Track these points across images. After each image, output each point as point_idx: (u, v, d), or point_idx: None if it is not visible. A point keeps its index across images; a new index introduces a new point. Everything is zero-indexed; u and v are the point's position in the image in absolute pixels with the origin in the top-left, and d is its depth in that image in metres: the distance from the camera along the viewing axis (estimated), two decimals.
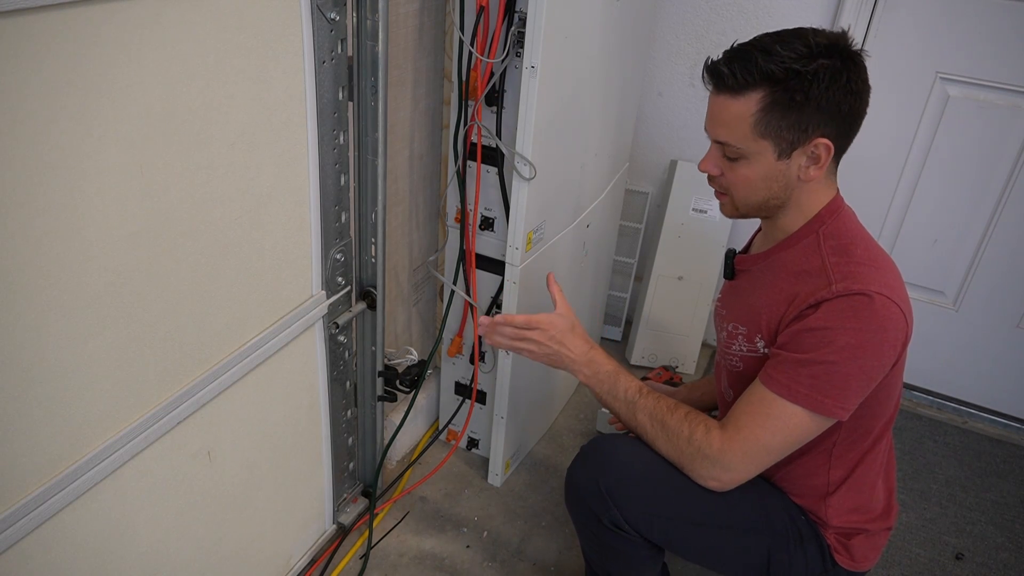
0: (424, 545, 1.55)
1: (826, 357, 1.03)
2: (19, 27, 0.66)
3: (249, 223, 1.02)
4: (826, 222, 1.12)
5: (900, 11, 1.80)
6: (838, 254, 1.08)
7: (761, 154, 1.07)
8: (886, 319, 1.03)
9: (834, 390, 1.04)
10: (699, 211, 2.07)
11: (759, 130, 1.04)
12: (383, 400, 1.49)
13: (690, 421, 1.13)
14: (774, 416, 1.07)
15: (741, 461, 1.09)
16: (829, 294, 1.04)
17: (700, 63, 2.01)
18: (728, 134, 1.07)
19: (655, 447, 1.16)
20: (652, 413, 1.15)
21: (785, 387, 1.06)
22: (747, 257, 1.25)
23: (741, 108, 1.04)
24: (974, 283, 1.97)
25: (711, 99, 1.08)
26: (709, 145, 1.13)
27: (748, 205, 1.14)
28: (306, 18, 1.00)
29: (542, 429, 1.88)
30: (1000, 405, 2.07)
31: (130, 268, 0.85)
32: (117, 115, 0.78)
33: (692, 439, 1.11)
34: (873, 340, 1.04)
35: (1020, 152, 1.80)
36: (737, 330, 1.19)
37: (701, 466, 1.11)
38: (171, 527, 1.06)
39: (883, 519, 1.22)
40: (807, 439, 1.10)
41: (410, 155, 1.50)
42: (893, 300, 1.04)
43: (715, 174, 1.13)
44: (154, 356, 0.93)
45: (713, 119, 1.09)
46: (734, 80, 1.03)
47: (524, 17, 1.23)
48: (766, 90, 1.02)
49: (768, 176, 1.09)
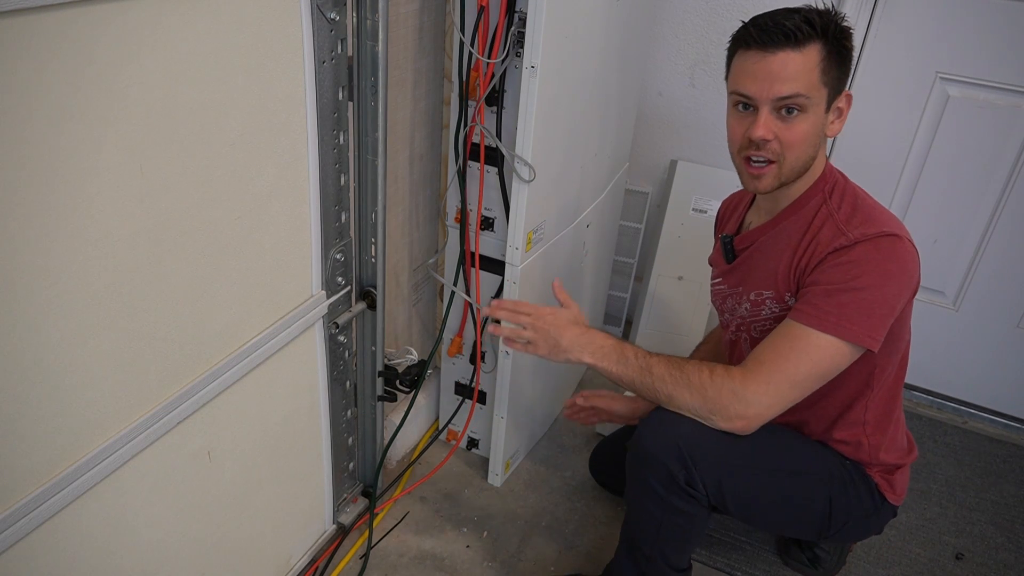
0: (424, 545, 1.55)
1: (855, 284, 1.09)
2: (19, 27, 0.66)
3: (249, 223, 1.02)
4: (827, 180, 1.20)
5: (900, 11, 1.80)
6: (846, 206, 1.16)
7: (819, 104, 1.12)
8: (908, 259, 1.12)
9: (862, 317, 1.09)
10: (699, 211, 2.07)
11: (824, 78, 1.11)
12: (383, 400, 1.49)
13: (708, 365, 1.15)
14: (800, 347, 1.10)
15: (764, 394, 1.10)
16: (847, 240, 1.11)
17: (700, 63, 2.02)
18: (797, 85, 1.10)
19: (674, 400, 1.15)
20: (668, 363, 1.17)
21: (814, 317, 1.10)
22: (748, 234, 1.29)
23: (807, 60, 1.09)
24: (974, 283, 1.97)
25: (765, 59, 1.10)
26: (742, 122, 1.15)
27: (795, 168, 1.16)
28: (306, 18, 1.00)
29: (542, 429, 1.88)
30: (1000, 405, 2.07)
31: (130, 268, 0.85)
32: (117, 115, 0.78)
33: (713, 378, 1.13)
34: (898, 274, 1.11)
35: (1020, 152, 1.80)
36: (762, 296, 1.23)
37: (724, 404, 1.11)
38: (171, 527, 1.06)
39: (910, 453, 1.32)
40: (832, 373, 1.13)
41: (410, 155, 1.50)
42: (913, 243, 1.13)
43: (770, 138, 1.13)
44: (154, 356, 0.93)
45: (774, 77, 1.10)
46: (800, 34, 1.08)
47: (524, 17, 1.23)
48: (822, 42, 1.09)
49: (817, 130, 1.14)
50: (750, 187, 1.19)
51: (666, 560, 1.26)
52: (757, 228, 1.27)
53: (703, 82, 2.03)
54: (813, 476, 1.25)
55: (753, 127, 1.12)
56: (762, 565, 1.56)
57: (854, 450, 1.28)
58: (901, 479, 1.31)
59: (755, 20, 1.11)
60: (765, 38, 1.08)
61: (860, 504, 1.28)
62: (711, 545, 1.59)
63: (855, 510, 1.27)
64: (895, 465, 1.29)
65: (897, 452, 1.30)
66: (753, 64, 1.10)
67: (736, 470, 1.18)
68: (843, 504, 1.26)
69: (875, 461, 1.28)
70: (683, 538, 1.25)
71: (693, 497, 1.18)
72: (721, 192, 2.07)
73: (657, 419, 1.19)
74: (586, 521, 1.64)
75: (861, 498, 1.27)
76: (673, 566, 1.28)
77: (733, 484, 1.18)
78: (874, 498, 1.29)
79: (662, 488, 1.18)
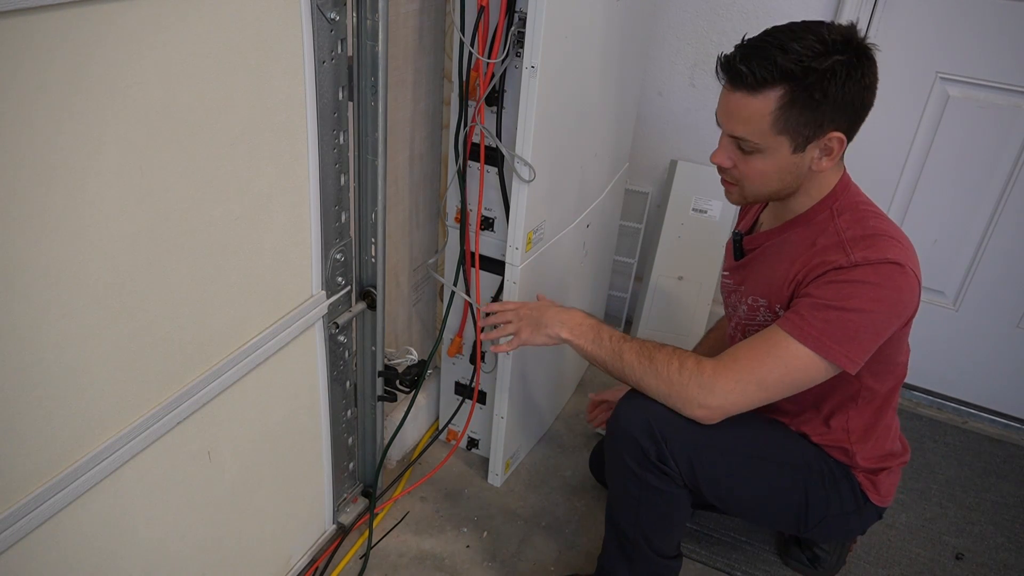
0: (424, 545, 1.55)
1: (844, 305, 1.07)
2: (20, 27, 0.66)
3: (249, 223, 1.02)
4: (839, 198, 1.16)
5: (900, 11, 1.80)
6: (854, 227, 1.12)
7: (777, 149, 1.09)
8: (907, 289, 1.09)
9: (845, 338, 1.08)
10: (699, 211, 2.07)
11: (777, 127, 1.06)
12: (383, 400, 1.49)
13: (679, 354, 1.16)
14: (776, 353, 1.10)
15: (732, 391, 1.11)
16: (848, 262, 1.08)
17: (700, 63, 2.02)
18: (745, 130, 1.08)
19: (643, 386, 1.18)
20: (639, 351, 1.19)
21: (797, 327, 1.09)
22: (758, 235, 1.28)
23: (759, 106, 1.05)
24: (974, 283, 1.97)
25: (726, 95, 1.09)
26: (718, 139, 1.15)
27: (758, 195, 1.17)
28: (306, 18, 1.00)
29: (542, 429, 1.88)
30: (1000, 405, 2.07)
31: (130, 268, 0.85)
32: (118, 115, 0.78)
33: (683, 368, 1.14)
34: (892, 302, 1.09)
35: (1020, 152, 1.80)
36: (758, 303, 1.23)
37: (690, 392, 1.13)
38: (171, 527, 1.06)
39: (899, 456, 1.31)
40: (805, 384, 1.13)
41: (410, 155, 1.50)
42: (916, 273, 1.10)
43: (727, 166, 1.14)
44: (154, 356, 0.93)
45: (729, 115, 1.09)
46: (753, 78, 1.03)
47: (524, 17, 1.23)
48: (785, 88, 1.03)
49: (782, 169, 1.11)
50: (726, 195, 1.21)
51: (650, 544, 1.27)
52: (765, 232, 1.26)
53: (703, 82, 2.03)
54: (788, 465, 1.25)
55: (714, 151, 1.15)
56: (762, 565, 1.56)
57: (836, 452, 1.27)
58: (887, 480, 1.29)
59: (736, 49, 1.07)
60: (726, 73, 1.07)
61: (840, 501, 1.27)
62: (711, 545, 1.59)
63: (834, 506, 1.26)
64: (880, 467, 1.28)
65: (882, 456, 1.28)
66: (722, 93, 1.10)
67: (707, 449, 1.19)
68: (821, 498, 1.25)
69: (857, 464, 1.27)
70: (664, 521, 1.25)
71: (666, 474, 1.20)
72: (721, 192, 2.07)
73: (631, 399, 1.22)
74: (586, 521, 1.64)
75: (842, 495, 1.26)
76: (658, 551, 1.28)
77: (704, 463, 1.19)
78: (856, 497, 1.27)
79: (636, 464, 1.20)
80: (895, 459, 1.30)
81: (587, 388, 2.07)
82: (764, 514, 1.32)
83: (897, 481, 1.33)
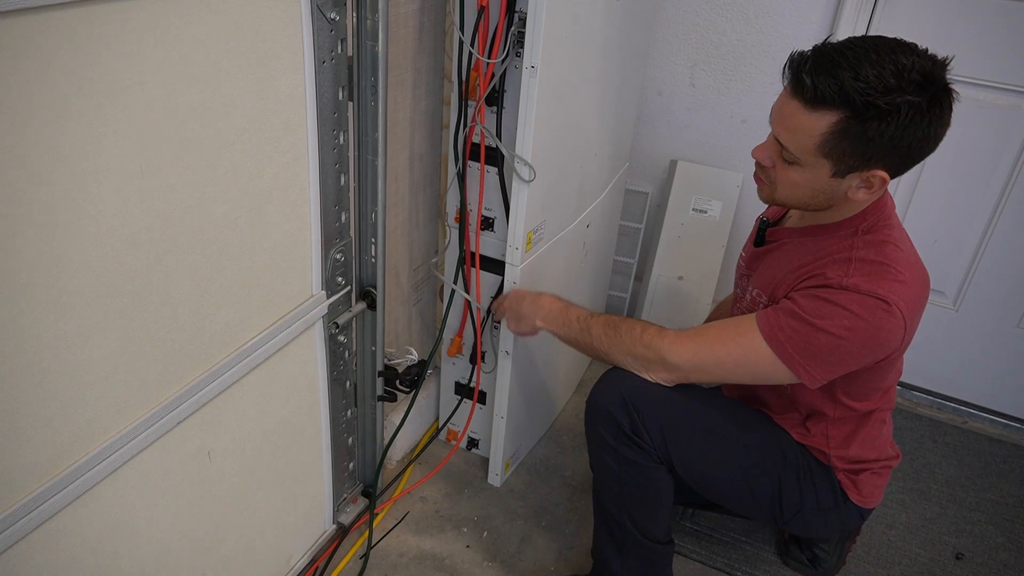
0: (424, 545, 1.55)
1: (818, 323, 1.07)
2: (20, 27, 0.66)
3: (249, 223, 1.02)
4: (868, 220, 1.12)
5: (900, 11, 1.80)
6: (868, 250, 1.09)
7: (817, 168, 1.05)
8: (886, 329, 1.06)
9: (807, 353, 1.08)
10: (699, 211, 2.07)
11: (823, 149, 1.02)
12: (383, 400, 1.49)
13: (643, 325, 1.21)
14: (740, 340, 1.12)
15: (689, 360, 1.15)
16: (838, 282, 1.07)
17: (700, 63, 2.02)
18: (791, 140, 1.05)
19: (611, 357, 1.23)
20: (605, 324, 1.24)
21: (768, 325, 1.11)
22: (782, 229, 1.27)
23: (812, 123, 1.01)
24: (974, 283, 1.97)
25: (785, 97, 1.05)
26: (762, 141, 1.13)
27: (786, 202, 1.16)
28: (306, 18, 1.00)
29: (542, 429, 1.88)
30: (1000, 405, 2.07)
31: (130, 268, 0.85)
32: (118, 115, 0.78)
33: (644, 336, 1.18)
34: (865, 338, 1.07)
35: (1020, 152, 1.80)
36: (760, 297, 1.23)
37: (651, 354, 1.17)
38: (171, 527, 1.06)
39: (886, 460, 1.30)
40: (759, 380, 1.16)
41: (410, 155, 1.50)
42: (904, 315, 1.06)
43: (767, 165, 1.12)
44: (154, 356, 0.93)
45: (781, 119, 1.06)
46: (813, 93, 0.99)
47: (524, 17, 1.23)
48: (842, 114, 0.98)
49: (815, 188, 1.09)
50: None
51: (636, 525, 1.28)
52: (788, 229, 1.25)
53: (703, 82, 2.03)
54: (762, 452, 1.25)
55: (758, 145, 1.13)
56: (762, 565, 1.56)
57: (815, 453, 1.27)
58: (869, 481, 1.28)
59: (810, 54, 1.01)
60: (792, 75, 1.02)
61: (816, 496, 1.26)
62: (711, 545, 1.59)
63: (809, 500, 1.26)
64: (861, 469, 1.27)
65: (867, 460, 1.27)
66: (782, 92, 1.06)
67: (679, 424, 1.21)
68: (795, 490, 1.25)
69: (836, 465, 1.26)
70: (646, 497, 1.26)
71: (641, 447, 1.22)
72: (721, 192, 2.08)
73: (606, 376, 1.26)
74: (586, 521, 1.64)
75: (818, 490, 1.26)
76: (645, 534, 1.28)
77: (676, 439, 1.21)
78: (836, 495, 1.27)
79: (611, 438, 1.23)
80: (876, 462, 1.28)
81: (587, 388, 2.06)
82: (737, 499, 1.30)
83: (883, 483, 1.31)
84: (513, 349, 1.53)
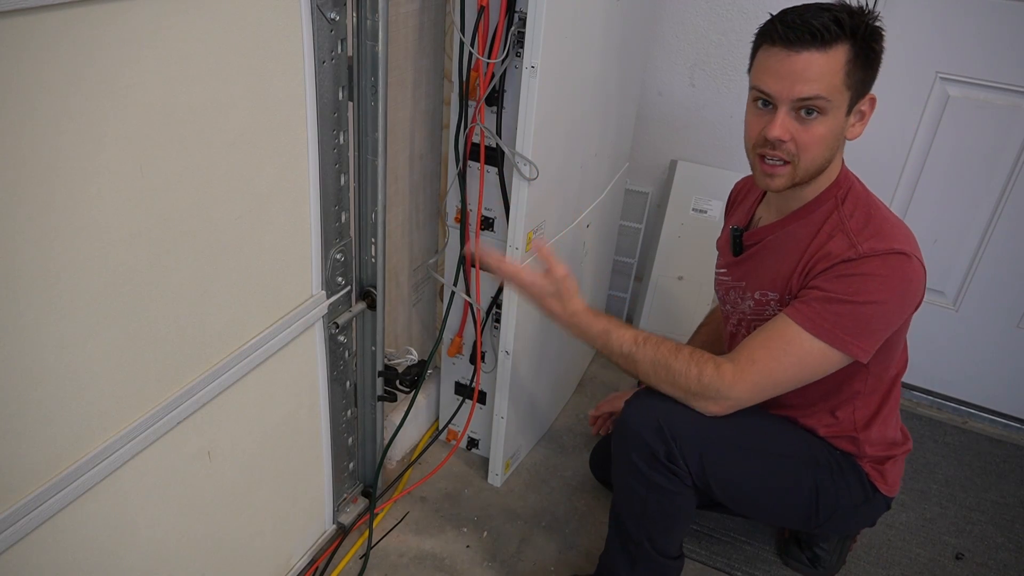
0: (424, 545, 1.55)
1: (855, 298, 1.09)
2: (20, 27, 0.66)
3: (249, 223, 1.02)
4: (842, 187, 1.18)
5: (900, 11, 1.80)
6: (858, 215, 1.15)
7: (839, 108, 1.10)
8: (915, 279, 1.11)
9: (857, 329, 1.10)
10: (699, 211, 2.07)
11: (848, 81, 1.08)
12: (383, 400, 1.49)
13: (696, 361, 1.16)
14: (792, 350, 1.12)
15: (749, 392, 1.14)
16: (856, 253, 1.10)
17: (700, 63, 2.02)
18: (820, 87, 1.08)
19: (660, 389, 1.19)
20: (654, 360, 1.18)
21: (810, 320, 1.11)
22: (759, 230, 1.28)
23: (832, 61, 1.07)
24: (974, 283, 1.97)
25: (790, 57, 1.07)
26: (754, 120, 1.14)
27: (809, 171, 1.15)
28: (306, 18, 1.00)
29: (542, 429, 1.88)
30: (1000, 405, 2.07)
31: (130, 268, 0.85)
32: (118, 115, 0.78)
33: (702, 378, 1.14)
34: (901, 293, 1.11)
35: (1020, 152, 1.80)
36: (767, 297, 1.23)
37: (709, 396, 1.15)
38: (171, 527, 1.06)
39: (902, 444, 1.33)
40: (817, 376, 1.15)
41: (410, 155, 1.50)
42: (921, 261, 1.12)
43: (785, 139, 1.12)
44: (154, 356, 0.93)
45: (796, 77, 1.08)
46: (827, 34, 1.05)
47: (524, 17, 1.23)
48: (849, 43, 1.07)
49: (835, 133, 1.13)
50: (762, 184, 1.19)
51: (653, 544, 1.27)
52: (766, 226, 1.27)
53: (703, 82, 2.03)
54: (798, 460, 1.26)
55: (770, 126, 1.11)
56: (762, 565, 1.56)
57: (844, 443, 1.29)
58: (893, 469, 1.31)
59: (783, 15, 1.08)
60: (791, 35, 1.06)
61: (849, 493, 1.28)
62: (711, 545, 1.59)
63: (844, 499, 1.27)
64: (886, 456, 1.30)
65: (886, 445, 1.31)
66: (777, 62, 1.08)
67: (717, 447, 1.19)
68: (831, 492, 1.26)
69: (864, 453, 1.29)
70: (669, 520, 1.25)
71: (675, 474, 1.20)
72: (721, 192, 2.07)
73: (641, 398, 1.23)
74: (586, 521, 1.64)
75: (851, 487, 1.28)
76: (660, 551, 1.28)
77: (714, 461, 1.19)
78: (865, 488, 1.29)
79: (644, 464, 1.20)
80: (899, 447, 1.32)
81: (587, 387, 2.07)
82: (775, 511, 1.32)
83: (902, 471, 1.35)
84: (513, 349, 1.53)
